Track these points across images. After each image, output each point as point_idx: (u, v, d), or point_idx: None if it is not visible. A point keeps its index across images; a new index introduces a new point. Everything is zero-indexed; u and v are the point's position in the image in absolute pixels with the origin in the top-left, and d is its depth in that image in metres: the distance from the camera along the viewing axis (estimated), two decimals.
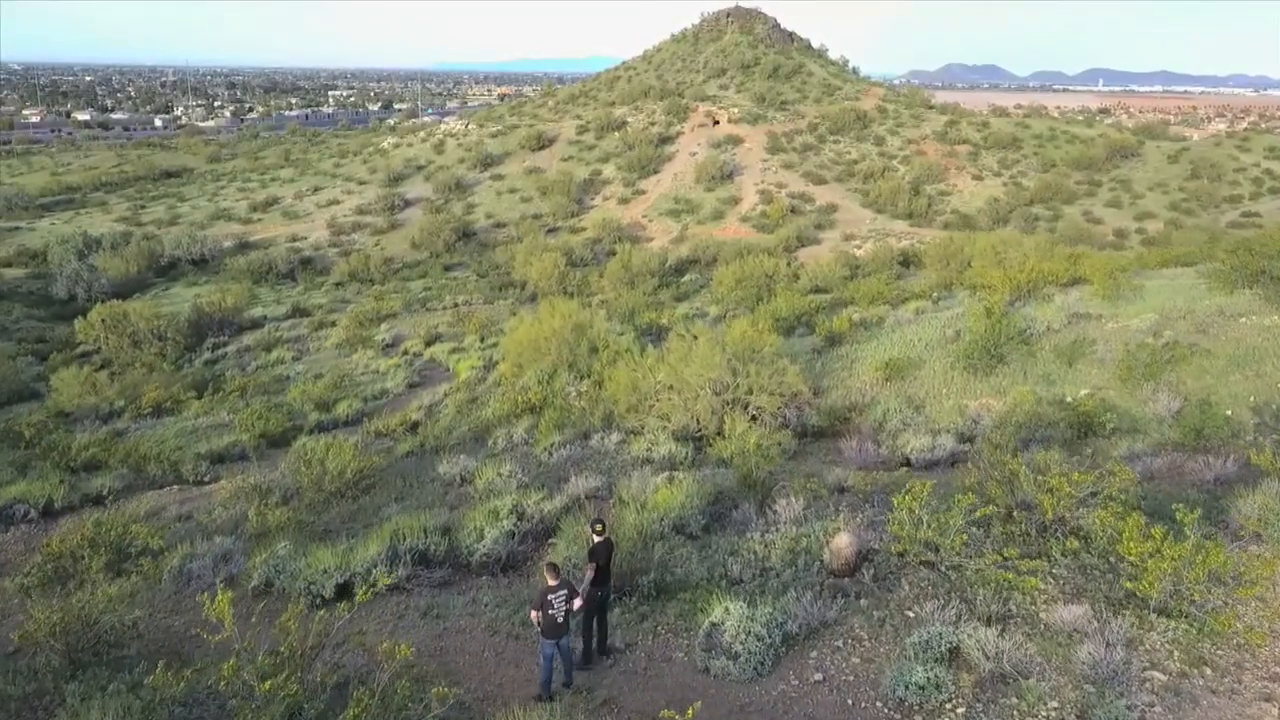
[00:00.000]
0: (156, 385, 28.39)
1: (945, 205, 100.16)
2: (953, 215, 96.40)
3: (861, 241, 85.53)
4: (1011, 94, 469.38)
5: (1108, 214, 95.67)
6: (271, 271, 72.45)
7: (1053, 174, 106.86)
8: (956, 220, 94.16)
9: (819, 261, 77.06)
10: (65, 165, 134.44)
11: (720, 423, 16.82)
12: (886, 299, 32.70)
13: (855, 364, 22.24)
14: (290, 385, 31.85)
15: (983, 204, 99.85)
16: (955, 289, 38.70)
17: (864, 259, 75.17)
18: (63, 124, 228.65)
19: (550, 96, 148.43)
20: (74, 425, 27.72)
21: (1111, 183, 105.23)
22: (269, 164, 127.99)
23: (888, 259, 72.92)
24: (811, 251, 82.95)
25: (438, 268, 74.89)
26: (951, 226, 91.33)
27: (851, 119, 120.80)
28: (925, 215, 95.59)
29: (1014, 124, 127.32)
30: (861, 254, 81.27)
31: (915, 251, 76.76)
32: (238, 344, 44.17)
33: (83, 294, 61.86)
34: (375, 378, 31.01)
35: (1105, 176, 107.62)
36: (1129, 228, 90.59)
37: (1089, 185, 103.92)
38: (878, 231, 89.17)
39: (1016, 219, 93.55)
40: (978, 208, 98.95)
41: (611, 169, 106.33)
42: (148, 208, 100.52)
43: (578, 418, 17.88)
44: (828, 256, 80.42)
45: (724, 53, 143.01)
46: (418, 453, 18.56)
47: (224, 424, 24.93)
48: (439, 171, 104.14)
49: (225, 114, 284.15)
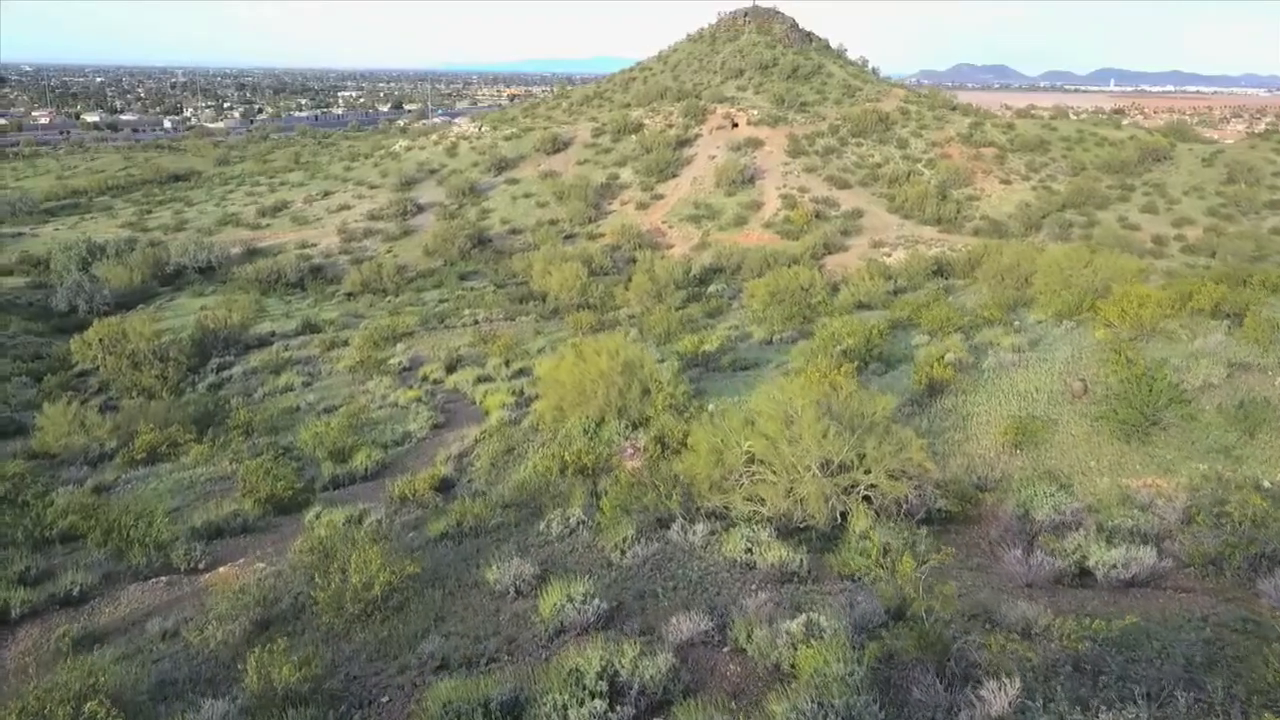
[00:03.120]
0: (151, 427, 25.49)
1: (974, 210, 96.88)
2: (983, 221, 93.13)
3: (891, 249, 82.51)
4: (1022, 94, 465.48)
5: (1144, 220, 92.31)
6: (280, 280, 69.76)
7: (1083, 178, 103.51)
8: (987, 226, 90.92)
9: (848, 270, 74.21)
10: (71, 168, 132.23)
11: (833, 513, 13.83)
12: (957, 325, 29.69)
13: (968, 421, 19.07)
14: (300, 421, 28.97)
15: (1013, 209, 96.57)
16: (1022, 310, 35.62)
17: (896, 268, 72.23)
18: (71, 125, 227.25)
19: (564, 98, 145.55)
20: (59, 470, 24.97)
21: (1145, 187, 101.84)
22: (278, 167, 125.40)
23: (922, 268, 69.94)
24: (839, 259, 79.99)
25: (453, 276, 72.07)
26: (982, 233, 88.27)
27: (873, 121, 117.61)
28: (954, 221, 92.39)
29: (1040, 126, 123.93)
30: (892, 262, 78.31)
31: (949, 259, 73.77)
32: (244, 364, 41.36)
33: (84, 306, 59.23)
34: (394, 414, 28.06)
35: (1138, 180, 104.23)
36: (1167, 234, 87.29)
37: (1121, 189, 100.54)
38: (906, 238, 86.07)
39: (1050, 225, 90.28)
40: (1008, 213, 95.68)
41: (629, 173, 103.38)
42: (154, 212, 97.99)
43: (650, 499, 14.88)
44: (857, 264, 77.46)
45: (741, 53, 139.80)
46: (454, 535, 15.62)
47: (225, 477, 22.07)
48: (452, 175, 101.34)
49: (235, 115, 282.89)
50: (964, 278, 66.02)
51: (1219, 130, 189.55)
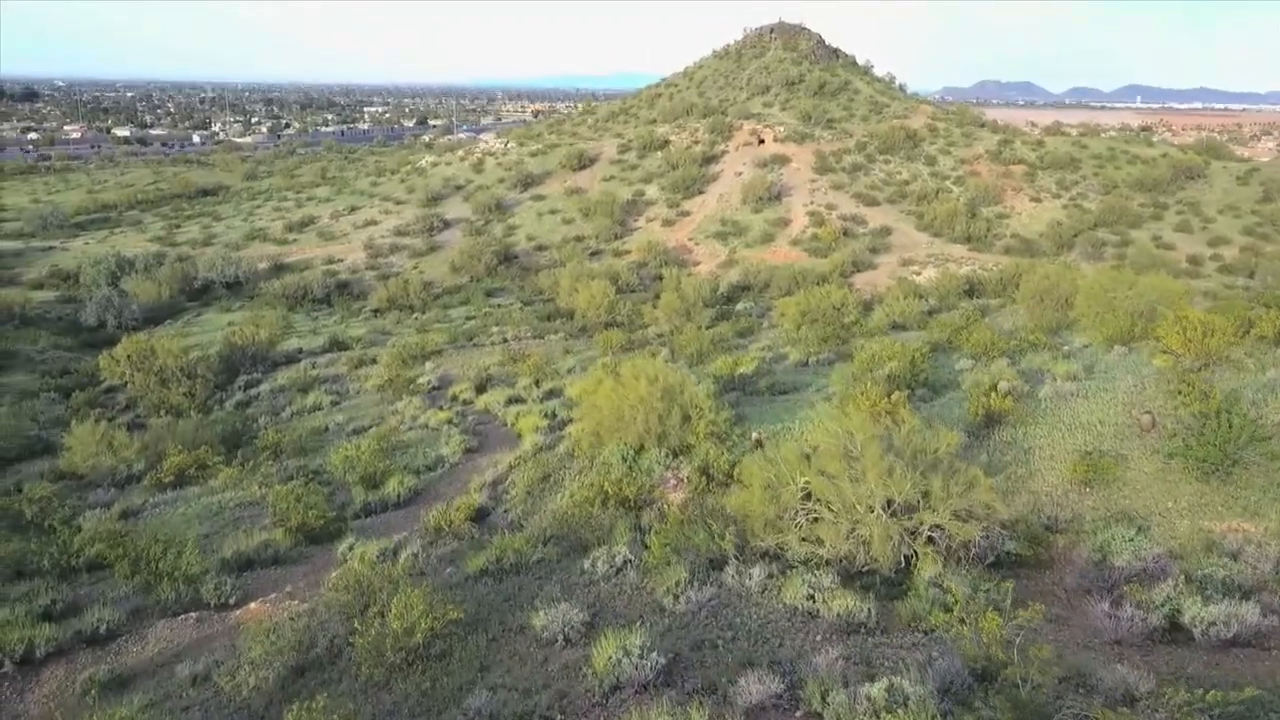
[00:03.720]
0: (180, 449, 25.04)
1: (1004, 228, 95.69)
2: (1013, 239, 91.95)
3: (921, 267, 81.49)
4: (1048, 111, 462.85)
5: (1178, 239, 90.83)
6: (307, 296, 69.67)
7: (1115, 196, 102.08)
8: (1018, 245, 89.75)
9: (877, 288, 73.29)
10: (102, 183, 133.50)
11: (899, 557, 13.02)
12: (1002, 349, 28.77)
13: (1030, 456, 18.17)
14: (329, 442, 28.45)
15: (1044, 227, 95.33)
16: (1065, 334, 34.67)
17: (928, 287, 71.24)
18: (103, 140, 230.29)
19: (590, 114, 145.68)
20: (86, 492, 24.55)
21: (1178, 205, 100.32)
22: (305, 182, 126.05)
23: (954, 287, 68.86)
24: (869, 277, 79.05)
25: (479, 293, 71.75)
26: (1013, 251, 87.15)
27: (901, 138, 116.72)
28: (984, 239, 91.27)
29: (1070, 143, 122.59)
30: (922, 281, 77.33)
31: (981, 278, 72.64)
32: (271, 382, 40.98)
33: (112, 321, 59.26)
34: (425, 437, 27.47)
35: (1170, 199, 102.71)
36: (1202, 254, 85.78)
37: (1154, 208, 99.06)
38: (936, 256, 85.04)
39: (1082, 244, 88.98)
40: (1039, 231, 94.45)
41: (655, 189, 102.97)
42: (182, 227, 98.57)
43: (701, 540, 14.12)
44: (886, 283, 76.54)
45: (767, 69, 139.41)
46: (494, 571, 14.93)
47: (254, 502, 21.53)
48: (479, 191, 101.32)
49: (262, 130, 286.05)
50: (996, 297, 64.98)
51: (1249, 148, 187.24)
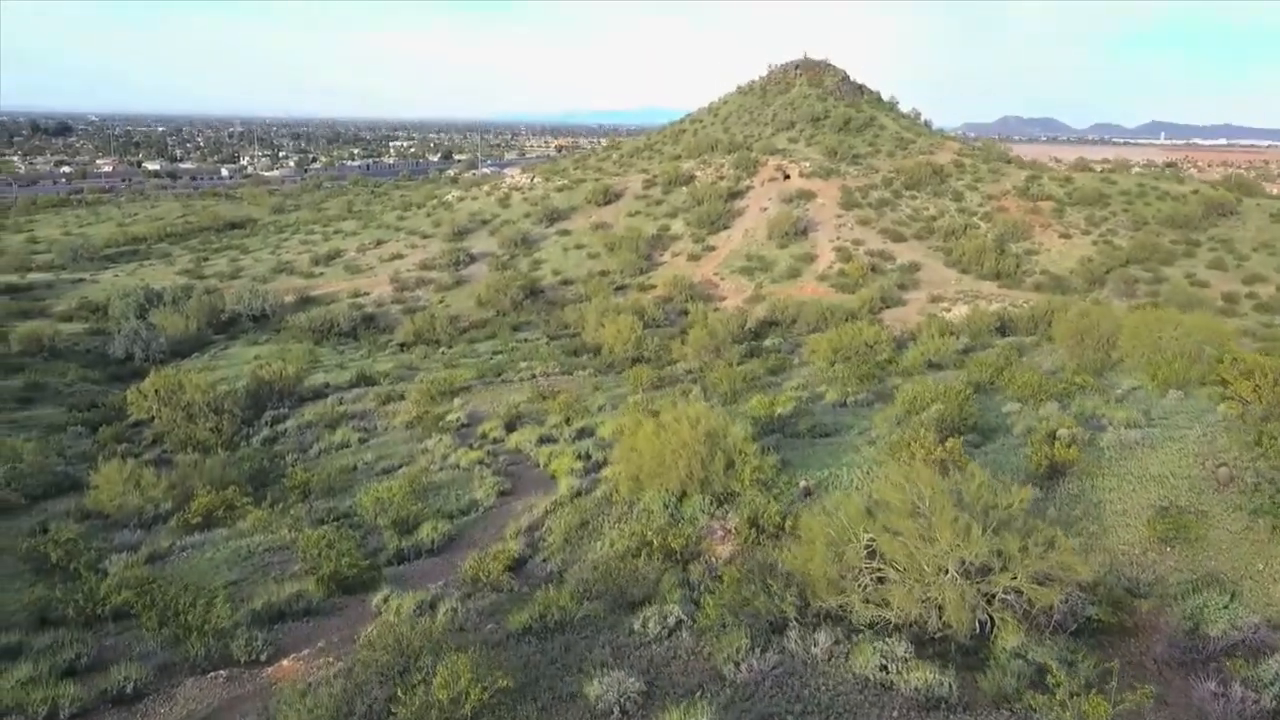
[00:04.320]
0: (208, 489, 24.56)
1: (1034, 265, 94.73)
2: (1043, 276, 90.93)
3: (950, 304, 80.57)
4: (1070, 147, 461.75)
5: (1212, 276, 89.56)
6: (333, 330, 69.61)
7: (1146, 233, 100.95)
8: (1048, 281, 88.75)
9: (907, 324, 72.31)
10: (132, 215, 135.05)
11: (974, 622, 12.16)
12: (1049, 391, 27.89)
13: (1101, 510, 17.23)
14: (359, 482, 27.87)
15: (1074, 264, 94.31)
16: (1111, 376, 33.69)
17: (958, 324, 70.26)
18: (134, 174, 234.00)
19: (615, 150, 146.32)
20: (112, 532, 24.06)
21: (1211, 242, 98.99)
22: (332, 215, 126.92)
23: (985, 324, 67.78)
24: (897, 313, 78.13)
25: (505, 328, 71.48)
26: (1043, 288, 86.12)
27: (928, 174, 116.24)
28: (1014, 275, 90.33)
29: (1099, 179, 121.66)
30: (952, 317, 76.39)
31: (1012, 316, 71.45)
32: (298, 418, 40.55)
33: (140, 354, 59.30)
34: (457, 478, 26.82)
35: (1203, 235, 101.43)
36: (1238, 292, 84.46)
37: (1186, 245, 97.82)
38: (966, 293, 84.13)
39: (1114, 281, 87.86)
40: (1069, 268, 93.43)
41: (680, 224, 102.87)
42: (210, 260, 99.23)
43: (761, 603, 13.31)
44: (916, 319, 75.62)
45: (792, 105, 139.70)
46: (537, 629, 14.18)
47: (284, 546, 20.92)
48: (504, 226, 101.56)
49: (289, 164, 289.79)
50: (1029, 334, 63.93)
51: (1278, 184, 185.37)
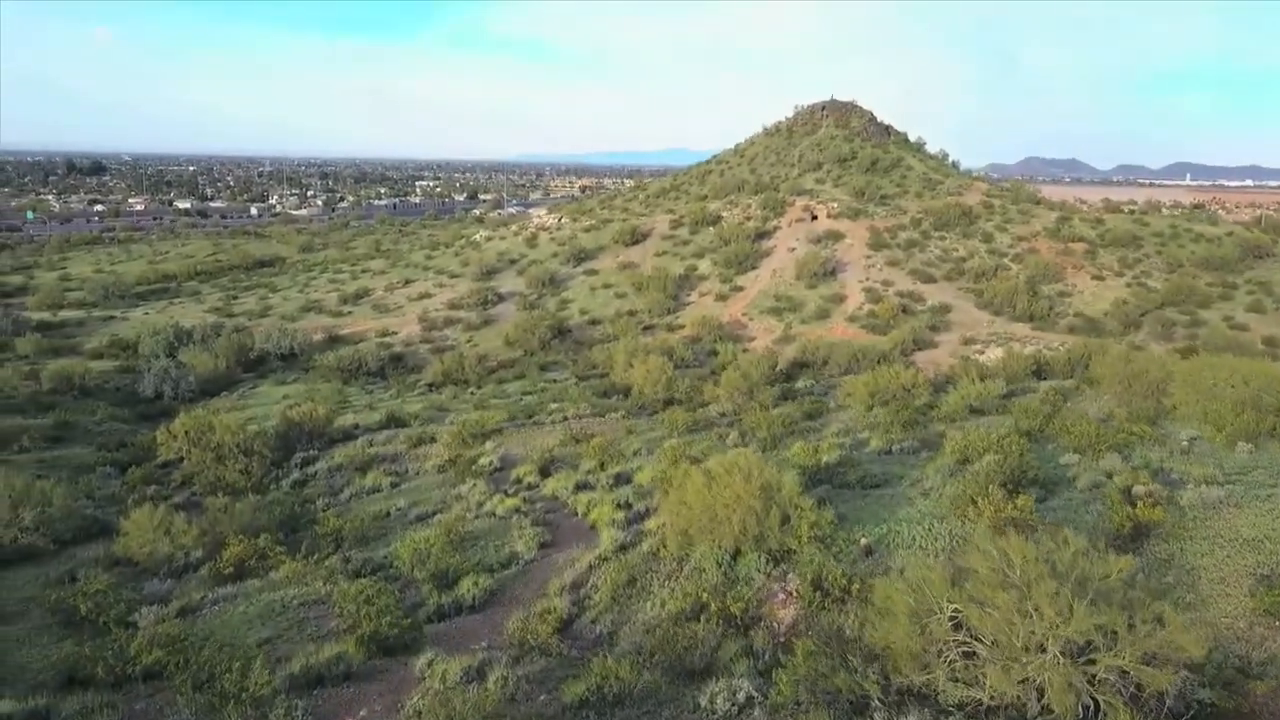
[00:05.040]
0: (240, 538, 23.89)
1: (1067, 307, 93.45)
2: (1077, 318, 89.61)
3: (984, 346, 79.38)
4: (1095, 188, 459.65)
5: (1251, 319, 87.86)
6: (361, 369, 69.31)
7: (1181, 275, 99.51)
8: (1082, 324, 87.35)
9: (940, 367, 71.07)
10: (163, 254, 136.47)
11: (1079, 706, 11.15)
12: (1109, 442, 26.79)
13: (1195, 578, 16.14)
14: (393, 530, 27.13)
15: (1109, 306, 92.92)
16: (1167, 424, 32.49)
17: (994, 367, 68.99)
18: (165, 212, 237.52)
19: (641, 190, 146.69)
20: (141, 580, 23.38)
21: (1248, 285, 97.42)
22: (360, 254, 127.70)
23: (1021, 367, 66.37)
24: (930, 356, 76.95)
25: (534, 368, 70.97)
26: (1078, 330, 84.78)
27: (957, 214, 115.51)
28: (1047, 318, 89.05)
29: (1131, 220, 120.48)
30: (986, 360, 75.17)
31: (1048, 359, 70.02)
32: (328, 460, 39.95)
33: (169, 392, 59.14)
34: (494, 527, 25.99)
35: (1239, 278, 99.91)
36: (1278, 335, 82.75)
37: (1223, 287, 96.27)
38: (999, 335, 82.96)
39: (1150, 323, 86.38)
40: (1104, 310, 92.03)
41: (707, 264, 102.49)
42: (240, 298, 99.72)
43: (842, 680, 12.36)
44: (949, 361, 74.45)
45: (819, 146, 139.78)
46: (594, 702, 13.29)
47: (319, 600, 20.13)
48: (532, 266, 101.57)
49: (317, 203, 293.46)
50: (1065, 378, 62.58)
51: None
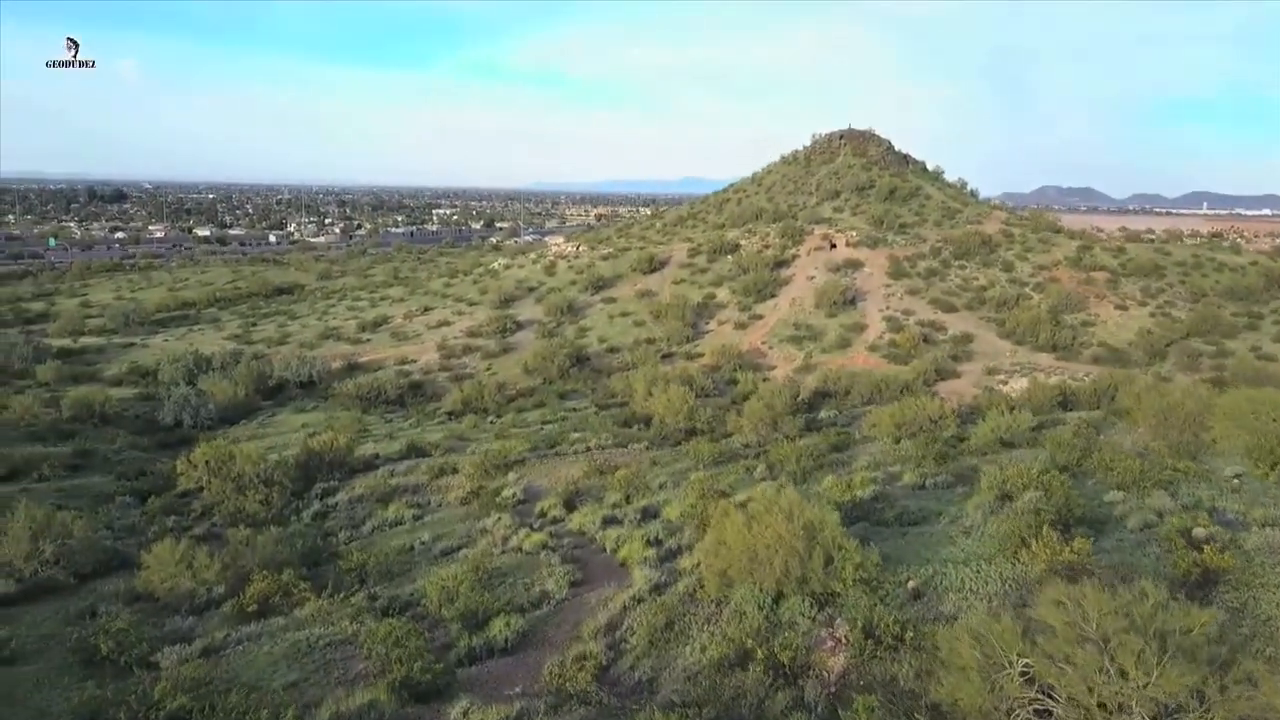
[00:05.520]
0: (264, 574, 23.34)
1: (1090, 336, 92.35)
2: (1101, 348, 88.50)
3: (1007, 376, 78.46)
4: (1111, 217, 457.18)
5: (1278, 350, 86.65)
6: (380, 397, 69.00)
7: (1205, 304, 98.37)
8: (1106, 354, 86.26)
9: (963, 397, 70.19)
10: (183, 281, 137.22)
11: None
12: (1154, 479, 25.98)
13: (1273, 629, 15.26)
14: (417, 565, 26.53)
15: (1132, 336, 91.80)
16: (1206, 458, 31.64)
17: (1019, 397, 68.03)
18: (184, 240, 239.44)
19: (658, 218, 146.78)
20: (163, 617, 22.84)
21: (1274, 315, 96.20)
22: (378, 282, 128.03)
23: (1047, 398, 65.42)
24: (952, 386, 76.07)
25: (553, 396, 70.51)
26: (1102, 360, 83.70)
27: (976, 243, 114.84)
28: (1070, 347, 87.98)
29: (1153, 249, 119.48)
30: (1010, 390, 74.26)
31: (1073, 389, 69.02)
32: (349, 491, 39.45)
33: (189, 420, 58.91)
34: (522, 563, 25.35)
35: (1264, 308, 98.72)
36: None
37: (1249, 317, 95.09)
38: (1022, 365, 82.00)
39: (1176, 354, 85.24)
40: (1128, 340, 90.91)
41: (726, 293, 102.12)
42: (259, 325, 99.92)
43: None
44: (972, 391, 73.62)
45: (837, 175, 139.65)
46: None
47: (346, 640, 19.52)
48: (550, 294, 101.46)
49: (335, 230, 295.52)
50: (1092, 409, 61.61)
51: None
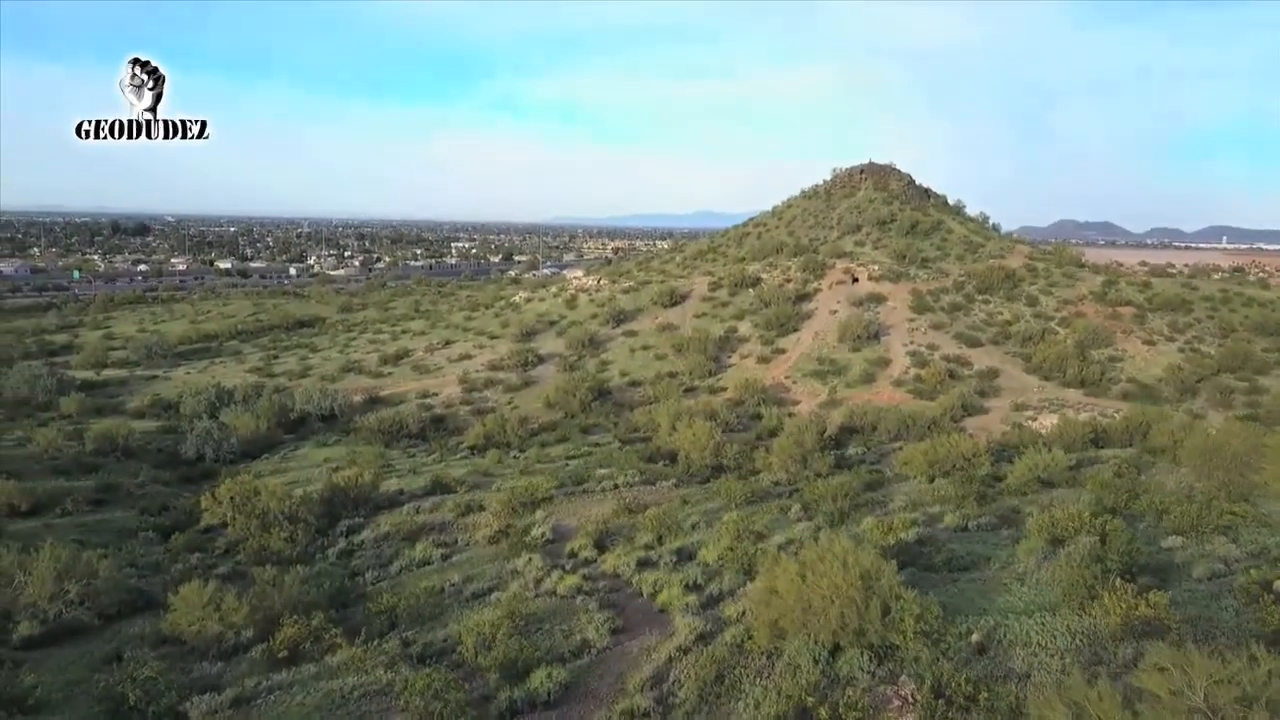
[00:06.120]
0: (293, 617, 22.67)
1: (1119, 372, 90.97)
2: (1130, 384, 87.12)
3: (1035, 412, 77.16)
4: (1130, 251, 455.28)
5: None
6: (402, 431, 68.48)
7: (1235, 340, 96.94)
8: (1136, 390, 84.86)
9: (992, 434, 68.99)
10: (205, 313, 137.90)
11: None
12: (1212, 523, 25.02)
13: None
14: (448, 608, 25.77)
15: (1161, 372, 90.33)
16: (1260, 499, 30.64)
17: (1050, 435, 66.80)
18: (206, 272, 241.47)
19: (678, 252, 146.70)
20: (190, 662, 22.17)
21: None
22: (399, 315, 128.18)
23: (1078, 435, 64.04)
24: (980, 422, 74.86)
25: (576, 430, 69.86)
26: (1131, 396, 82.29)
27: (1000, 278, 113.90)
28: (1099, 383, 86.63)
29: (1179, 284, 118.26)
30: (1039, 427, 73.04)
31: (1104, 426, 67.60)
32: (374, 528, 38.80)
33: (211, 454, 58.57)
34: (558, 608, 24.52)
35: None
36: None
37: None
38: (1050, 401, 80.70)
39: (1207, 390, 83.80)
40: (1157, 376, 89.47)
41: (747, 326, 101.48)
42: (280, 358, 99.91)
43: None
44: (1000, 428, 72.45)
45: (858, 209, 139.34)
46: None
47: (381, 690, 18.78)
48: (572, 327, 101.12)
49: (354, 264, 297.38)
50: (1124, 446, 60.37)
51: None
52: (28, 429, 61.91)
